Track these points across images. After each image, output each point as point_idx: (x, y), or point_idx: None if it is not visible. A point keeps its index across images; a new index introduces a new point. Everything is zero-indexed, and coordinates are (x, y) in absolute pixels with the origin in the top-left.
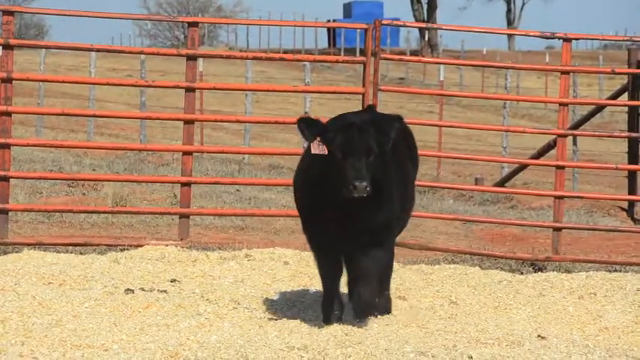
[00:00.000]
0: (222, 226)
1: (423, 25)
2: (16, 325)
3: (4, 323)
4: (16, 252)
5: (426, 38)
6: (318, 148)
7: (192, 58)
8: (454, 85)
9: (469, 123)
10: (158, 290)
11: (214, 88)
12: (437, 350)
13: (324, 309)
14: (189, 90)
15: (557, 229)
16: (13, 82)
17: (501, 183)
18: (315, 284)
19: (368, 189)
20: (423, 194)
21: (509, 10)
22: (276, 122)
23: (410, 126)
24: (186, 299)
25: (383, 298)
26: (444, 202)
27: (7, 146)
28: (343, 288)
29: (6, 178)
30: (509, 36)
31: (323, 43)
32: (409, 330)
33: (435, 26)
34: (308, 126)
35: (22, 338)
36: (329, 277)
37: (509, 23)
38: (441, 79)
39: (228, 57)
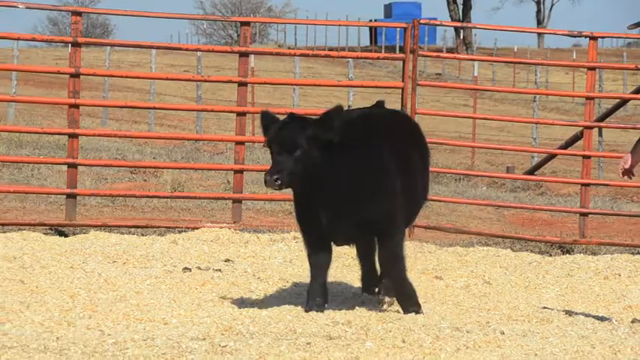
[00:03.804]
0: (272, 210)
1: (459, 24)
2: (83, 300)
3: (73, 298)
4: (84, 233)
5: (461, 37)
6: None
7: (244, 55)
8: (487, 80)
9: (501, 115)
10: (213, 269)
11: (265, 83)
12: (471, 326)
13: (309, 296)
14: (242, 84)
15: (584, 215)
16: (81, 77)
17: (531, 171)
18: (355, 264)
19: (278, 182)
20: (458, 181)
21: (538, 11)
22: None
23: (446, 118)
24: (239, 277)
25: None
26: (478, 189)
27: (75, 136)
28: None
29: (75, 165)
30: (539, 34)
31: (365, 41)
32: (445, 307)
33: (469, 25)
34: (261, 121)
35: (90, 312)
36: (315, 266)
37: (539, 23)
38: (475, 74)
39: (277, 54)
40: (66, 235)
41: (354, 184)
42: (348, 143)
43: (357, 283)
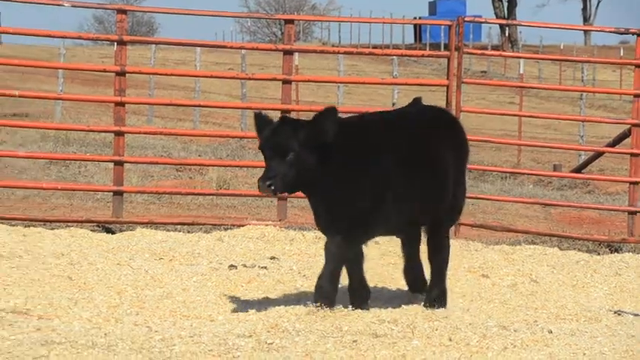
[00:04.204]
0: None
1: (504, 21)
2: (130, 296)
3: (121, 295)
4: (130, 230)
5: (507, 34)
6: None
7: (288, 53)
8: (533, 77)
9: (547, 113)
10: (259, 266)
11: (309, 81)
12: (518, 325)
13: (351, 294)
14: (286, 82)
15: (632, 213)
16: (127, 75)
17: (579, 169)
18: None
19: (272, 188)
20: (505, 180)
21: (584, 8)
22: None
23: (492, 116)
24: (285, 275)
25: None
26: (524, 187)
27: (121, 134)
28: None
29: (121, 163)
30: (585, 32)
31: (410, 38)
32: (492, 306)
33: (515, 23)
34: (255, 123)
35: (137, 309)
36: (350, 263)
37: (585, 20)
38: (521, 72)
39: (321, 52)
40: (113, 232)
41: (338, 186)
42: (342, 146)
43: (402, 282)
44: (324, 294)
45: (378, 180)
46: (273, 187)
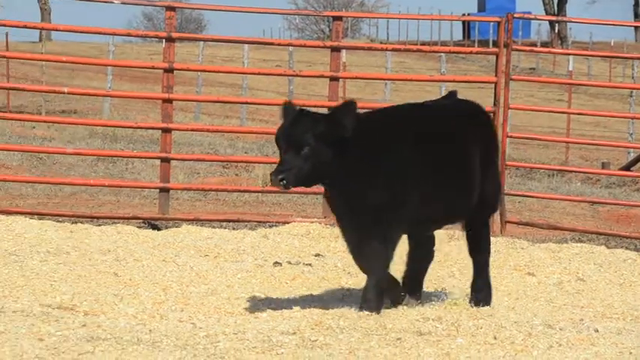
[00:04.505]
0: None
1: (553, 18)
2: (175, 293)
3: (166, 291)
4: (176, 227)
5: (556, 30)
6: None
7: (336, 50)
8: (582, 74)
9: (596, 110)
10: (303, 264)
11: (356, 77)
12: (564, 323)
13: (384, 292)
14: (333, 79)
15: None
16: (175, 71)
17: (627, 167)
18: (447, 259)
19: (284, 182)
20: (552, 177)
21: (636, 4)
22: None
23: (540, 113)
24: (329, 272)
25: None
26: (572, 184)
27: (168, 130)
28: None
29: (167, 160)
30: (636, 28)
31: (458, 35)
32: (537, 304)
33: (564, 19)
34: (281, 114)
35: (182, 305)
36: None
37: (637, 16)
38: (570, 69)
39: (369, 49)
40: (159, 229)
41: (355, 181)
42: (360, 140)
43: (447, 279)
44: (372, 307)
45: (399, 174)
46: (285, 182)
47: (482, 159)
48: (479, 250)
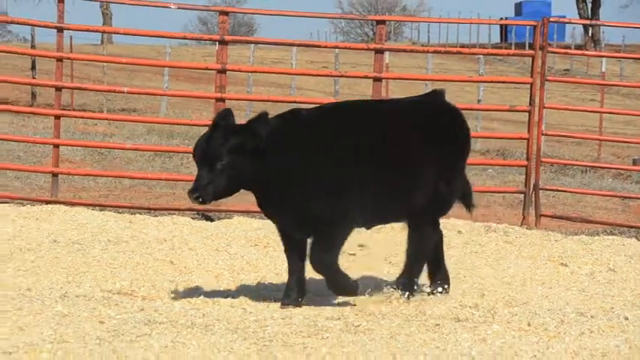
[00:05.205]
0: None
1: (587, 21)
2: (227, 280)
3: (218, 278)
4: (228, 218)
5: (590, 34)
6: None
7: (379, 52)
8: (615, 75)
9: (628, 110)
10: (348, 253)
11: (398, 78)
12: (595, 312)
13: (285, 291)
14: (377, 80)
15: None
16: (227, 72)
17: None
18: (484, 250)
19: (200, 199)
20: (585, 173)
21: None
22: None
23: (574, 112)
24: (372, 262)
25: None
26: (604, 180)
27: None
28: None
29: None
30: None
31: (496, 38)
32: (570, 293)
33: (598, 23)
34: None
35: (233, 291)
36: (290, 261)
37: None
38: (603, 70)
39: (411, 51)
40: (212, 220)
41: (276, 185)
42: (279, 146)
43: (483, 269)
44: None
45: (316, 176)
46: (201, 199)
47: (438, 160)
48: (414, 248)
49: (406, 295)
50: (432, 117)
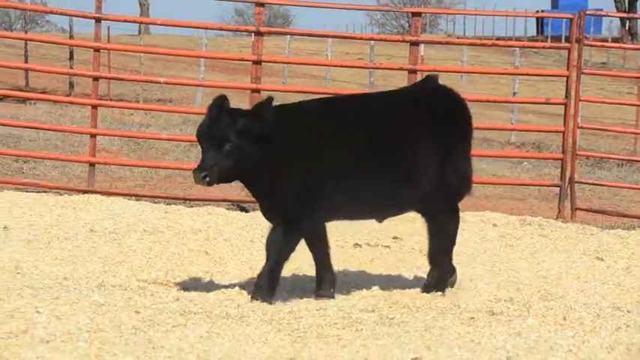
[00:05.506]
0: None
1: (624, 14)
2: None
3: (253, 269)
4: None
5: (627, 27)
6: None
7: (414, 44)
8: None
9: None
10: (382, 245)
11: (433, 70)
12: (632, 306)
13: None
14: (412, 72)
15: None
16: (263, 64)
17: None
18: (519, 244)
19: (207, 179)
20: (621, 167)
21: None
22: (487, 101)
23: (610, 105)
24: (407, 254)
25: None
26: None
27: None
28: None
29: None
30: None
31: (532, 31)
32: (606, 287)
33: (635, 16)
34: (208, 106)
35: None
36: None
37: None
38: None
39: (446, 43)
40: (246, 211)
41: (276, 175)
42: (283, 134)
43: (518, 262)
44: (264, 295)
45: (319, 166)
46: (208, 179)
47: (440, 145)
48: (437, 237)
49: (441, 294)
50: (428, 102)
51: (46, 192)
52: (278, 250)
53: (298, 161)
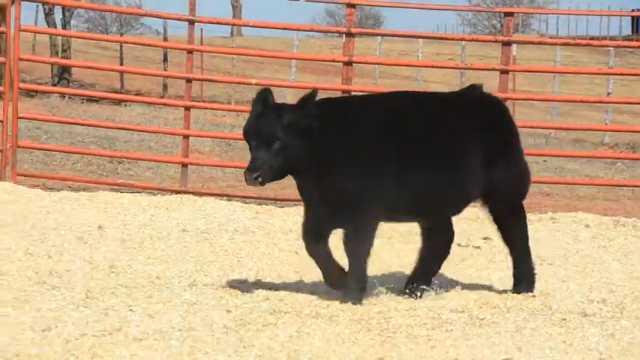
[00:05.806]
0: (530, 192)
1: None
2: None
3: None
4: None
5: None
6: None
7: (507, 44)
8: None
9: None
10: (473, 246)
11: (526, 71)
12: None
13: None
14: (504, 72)
15: None
16: (353, 64)
17: None
18: (612, 244)
19: (259, 180)
20: None
21: None
22: (581, 101)
23: None
24: (497, 255)
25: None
26: None
27: None
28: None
29: None
30: None
31: (627, 30)
32: None
33: None
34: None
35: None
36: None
37: None
38: None
39: (539, 43)
40: None
41: (327, 171)
42: (331, 130)
43: (612, 263)
44: (354, 296)
45: (370, 164)
46: (261, 180)
47: (489, 150)
48: (512, 241)
49: (532, 295)
50: (476, 107)
51: (139, 192)
52: (356, 248)
53: (357, 156)
